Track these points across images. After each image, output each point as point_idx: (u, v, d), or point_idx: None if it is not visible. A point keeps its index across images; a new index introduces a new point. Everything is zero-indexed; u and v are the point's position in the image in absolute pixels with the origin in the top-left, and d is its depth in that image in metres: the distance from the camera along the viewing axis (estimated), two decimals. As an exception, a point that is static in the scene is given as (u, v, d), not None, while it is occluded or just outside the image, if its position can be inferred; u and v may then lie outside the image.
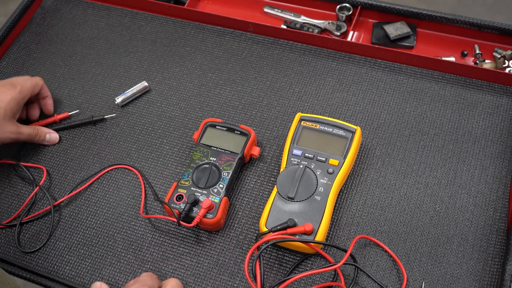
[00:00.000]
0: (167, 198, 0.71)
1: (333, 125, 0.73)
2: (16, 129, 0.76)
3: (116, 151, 0.81)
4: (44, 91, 0.83)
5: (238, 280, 0.68)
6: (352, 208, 0.72)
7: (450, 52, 0.87)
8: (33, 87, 0.80)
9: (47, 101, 0.84)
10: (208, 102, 0.85)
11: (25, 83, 0.79)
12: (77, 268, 0.71)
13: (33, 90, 0.80)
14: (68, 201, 0.76)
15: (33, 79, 0.81)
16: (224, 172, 0.72)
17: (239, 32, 0.92)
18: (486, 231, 0.69)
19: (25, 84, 0.78)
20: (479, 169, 0.74)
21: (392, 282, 0.66)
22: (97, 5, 0.99)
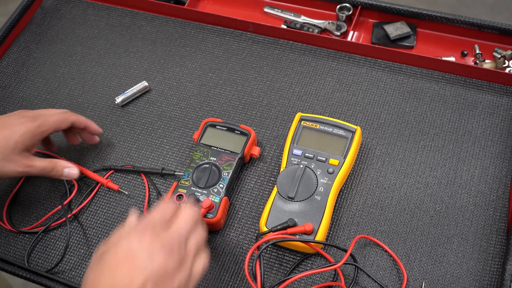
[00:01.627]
0: (167, 197, 0.71)
1: (333, 125, 0.73)
2: (26, 162, 0.70)
3: (116, 151, 0.81)
4: (78, 123, 0.76)
5: (238, 280, 0.68)
6: (352, 208, 0.72)
7: (450, 52, 0.87)
8: (58, 123, 0.73)
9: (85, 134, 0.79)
10: (208, 102, 0.85)
11: (49, 118, 0.73)
12: (77, 268, 0.71)
13: (57, 126, 0.73)
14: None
15: (61, 115, 0.74)
16: (224, 172, 0.72)
17: (239, 32, 0.92)
18: (486, 231, 0.69)
19: (48, 119, 0.73)
20: (479, 169, 0.74)
21: (392, 282, 0.66)
22: (97, 5, 0.99)
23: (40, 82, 0.90)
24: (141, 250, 0.53)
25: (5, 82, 0.91)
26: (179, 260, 0.54)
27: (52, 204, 0.77)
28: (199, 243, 0.58)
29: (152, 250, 0.53)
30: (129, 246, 0.53)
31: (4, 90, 0.90)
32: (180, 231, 0.56)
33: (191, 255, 0.56)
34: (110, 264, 0.52)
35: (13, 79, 0.91)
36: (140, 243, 0.53)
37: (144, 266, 0.52)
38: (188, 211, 0.59)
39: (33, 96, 0.89)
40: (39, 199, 0.77)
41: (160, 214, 0.57)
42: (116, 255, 0.53)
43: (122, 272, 0.51)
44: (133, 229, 0.55)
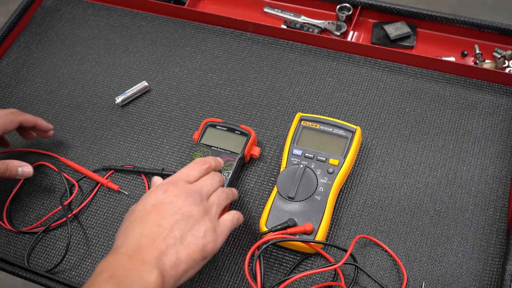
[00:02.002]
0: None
1: (333, 125, 0.73)
2: None
3: (116, 151, 0.81)
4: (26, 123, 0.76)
5: (238, 280, 0.68)
6: (352, 208, 0.72)
7: (450, 52, 0.87)
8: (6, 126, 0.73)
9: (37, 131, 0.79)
10: (208, 102, 0.85)
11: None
12: (77, 268, 0.71)
13: (5, 128, 0.73)
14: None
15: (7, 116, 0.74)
16: (225, 172, 0.72)
17: (239, 32, 0.92)
18: (486, 231, 0.69)
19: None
20: (479, 169, 0.74)
21: (392, 281, 0.66)
22: (97, 5, 0.99)
23: (40, 82, 0.90)
24: (167, 200, 0.57)
25: (5, 82, 0.91)
26: (204, 210, 0.58)
27: (52, 204, 0.77)
28: (221, 200, 0.61)
29: (177, 200, 0.57)
30: (156, 199, 0.57)
31: (4, 90, 0.90)
32: (202, 187, 0.60)
33: (214, 209, 0.59)
34: (138, 216, 0.56)
35: (13, 79, 0.91)
36: (165, 194, 0.58)
37: (171, 213, 0.56)
38: (213, 174, 0.63)
39: (33, 96, 0.89)
40: (39, 199, 0.77)
41: (185, 173, 0.61)
42: (144, 208, 0.57)
43: (151, 221, 0.55)
44: (157, 185, 0.60)
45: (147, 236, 0.54)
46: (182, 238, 0.54)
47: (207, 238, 0.56)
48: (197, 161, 0.64)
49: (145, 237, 0.54)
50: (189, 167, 0.62)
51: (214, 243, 0.57)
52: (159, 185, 0.59)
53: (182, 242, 0.54)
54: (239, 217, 0.63)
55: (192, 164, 0.63)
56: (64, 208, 0.74)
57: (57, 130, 0.84)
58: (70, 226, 0.73)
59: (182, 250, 0.54)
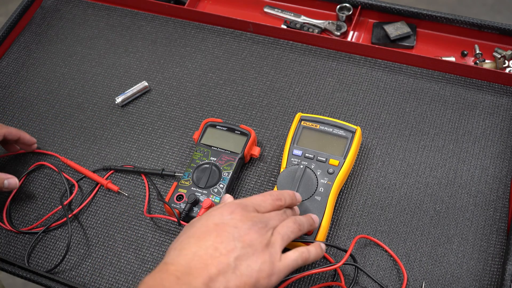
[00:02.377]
0: (168, 198, 0.71)
1: (333, 125, 0.73)
2: None
3: (116, 151, 0.81)
4: (10, 136, 0.76)
5: (238, 280, 0.68)
6: (353, 208, 0.72)
7: (450, 52, 0.87)
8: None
9: (23, 140, 0.78)
10: (208, 102, 0.85)
11: None
12: (77, 268, 0.71)
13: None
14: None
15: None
16: (225, 172, 0.72)
17: (239, 32, 0.92)
18: (486, 231, 0.69)
19: None
20: (479, 169, 0.74)
21: (392, 282, 0.66)
22: (97, 5, 0.99)
23: (40, 82, 0.90)
24: (231, 223, 0.53)
25: (5, 82, 0.91)
26: (266, 242, 0.54)
27: (52, 204, 0.77)
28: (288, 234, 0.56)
29: (241, 225, 0.53)
30: (220, 218, 0.54)
31: (4, 90, 0.90)
32: (269, 219, 0.56)
33: (278, 243, 0.54)
34: (197, 232, 0.53)
35: (13, 79, 0.91)
36: (231, 217, 0.54)
37: (231, 238, 0.52)
38: (283, 213, 0.59)
39: (33, 96, 0.89)
40: (39, 199, 0.77)
41: (258, 201, 0.57)
42: (206, 225, 0.54)
43: (209, 240, 0.52)
44: (225, 204, 0.56)
45: (200, 257, 0.50)
46: (236, 267, 0.50)
47: (262, 273, 0.51)
48: (273, 194, 0.59)
49: (199, 258, 0.50)
50: (264, 197, 0.58)
51: (268, 280, 0.52)
52: (226, 204, 0.56)
53: (235, 271, 0.50)
54: (308, 256, 0.56)
55: (266, 195, 0.59)
56: (64, 208, 0.74)
57: (57, 130, 0.84)
58: (70, 226, 0.73)
59: (233, 280, 0.50)
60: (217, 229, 0.53)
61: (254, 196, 0.58)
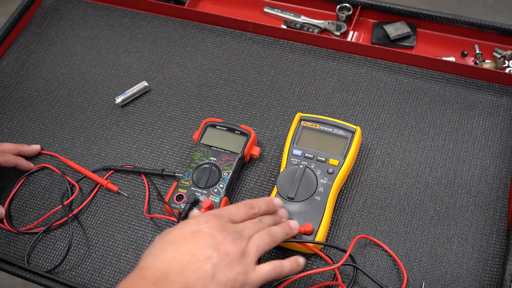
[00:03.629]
0: (167, 198, 0.71)
1: (333, 125, 0.73)
2: None
3: (116, 151, 0.81)
4: (6, 164, 0.76)
5: (238, 280, 0.68)
6: (352, 208, 0.72)
7: (450, 52, 0.87)
8: None
9: (19, 167, 0.79)
10: (208, 102, 0.85)
11: None
12: (77, 268, 0.71)
13: None
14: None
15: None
16: (224, 172, 0.72)
17: (239, 32, 0.92)
18: (486, 231, 0.69)
19: None
20: (479, 169, 0.74)
21: (392, 282, 0.66)
22: (97, 5, 0.99)
23: (40, 82, 0.90)
24: (207, 231, 0.54)
25: (5, 82, 0.91)
26: (241, 252, 0.54)
27: (52, 204, 0.77)
28: (262, 245, 0.56)
29: (217, 234, 0.54)
30: (197, 227, 0.54)
31: (4, 90, 0.90)
32: (244, 229, 0.56)
33: (252, 253, 0.55)
34: (174, 240, 0.54)
35: (13, 79, 0.91)
36: (207, 225, 0.54)
37: (208, 246, 0.53)
38: (258, 221, 0.59)
39: (33, 96, 0.89)
40: (39, 199, 0.77)
41: (233, 211, 0.58)
42: (183, 232, 0.54)
43: (186, 247, 0.52)
44: (201, 214, 0.57)
45: (178, 263, 0.51)
46: (213, 275, 0.51)
47: (236, 283, 0.52)
48: (247, 203, 0.60)
49: (176, 264, 0.51)
50: (238, 206, 0.59)
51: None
52: (202, 215, 0.56)
53: (213, 279, 0.51)
54: (281, 270, 0.57)
55: (241, 205, 0.59)
56: (65, 208, 0.74)
57: (57, 130, 0.84)
58: (71, 226, 0.73)
59: (209, 287, 0.51)
60: (194, 236, 0.53)
61: (228, 206, 0.59)
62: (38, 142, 0.83)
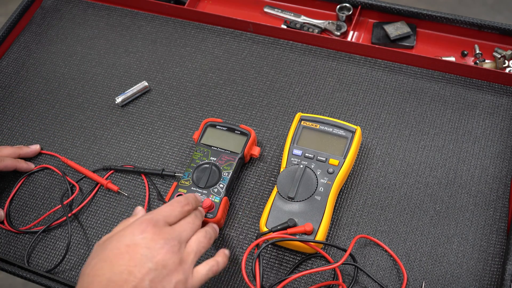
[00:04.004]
0: (168, 197, 0.71)
1: (333, 125, 0.73)
2: None
3: (116, 151, 0.81)
4: (6, 169, 0.76)
5: (238, 280, 0.68)
6: (352, 208, 0.72)
7: (450, 52, 0.87)
8: None
9: (19, 170, 0.79)
10: (208, 102, 0.85)
11: None
12: (77, 268, 0.71)
13: None
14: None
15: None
16: (224, 172, 0.72)
17: (239, 32, 0.92)
18: (486, 231, 0.69)
19: None
20: (479, 169, 0.74)
21: (392, 281, 0.66)
22: (97, 5, 0.99)
23: (40, 82, 0.90)
24: (143, 243, 0.53)
25: (5, 82, 0.91)
26: (179, 260, 0.54)
27: (52, 204, 0.77)
28: (200, 248, 0.58)
29: (154, 245, 0.53)
30: (131, 239, 0.53)
31: (4, 90, 0.90)
32: (182, 232, 0.57)
33: (190, 258, 0.56)
34: (110, 255, 0.52)
35: (13, 79, 0.91)
36: (143, 236, 0.53)
37: (145, 260, 0.52)
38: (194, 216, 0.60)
39: (33, 96, 0.89)
40: (39, 199, 0.77)
41: (167, 212, 0.58)
42: (118, 247, 0.53)
43: (122, 264, 0.51)
44: (136, 221, 0.55)
45: (115, 284, 0.50)
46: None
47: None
48: (179, 201, 0.60)
49: (113, 285, 0.50)
50: (172, 206, 0.59)
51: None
52: (137, 222, 0.55)
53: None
54: (217, 268, 0.59)
55: (174, 204, 0.59)
56: (65, 208, 0.74)
57: (57, 130, 0.84)
58: (70, 225, 0.73)
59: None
60: (129, 251, 0.52)
61: (162, 207, 0.59)
62: (38, 142, 0.83)
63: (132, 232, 0.54)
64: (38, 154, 0.81)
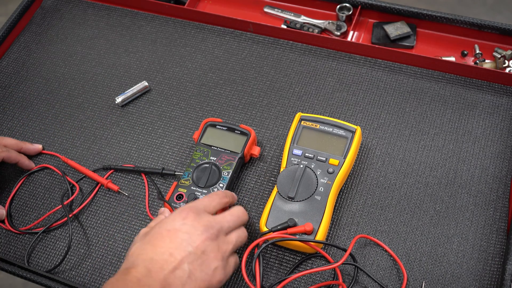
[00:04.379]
0: (167, 197, 0.71)
1: (333, 125, 0.73)
2: None
3: (116, 151, 0.81)
4: (9, 160, 0.77)
5: (239, 280, 0.68)
6: (352, 208, 0.72)
7: (450, 52, 0.87)
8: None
9: (21, 165, 0.79)
10: (208, 102, 0.85)
11: None
12: (77, 268, 0.71)
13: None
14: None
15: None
16: (224, 172, 0.72)
17: (239, 32, 0.92)
18: (486, 231, 0.69)
19: None
20: (479, 169, 0.74)
21: (392, 281, 0.66)
22: (97, 5, 0.99)
23: (40, 82, 0.90)
24: (184, 228, 0.56)
25: (5, 82, 0.91)
26: (218, 247, 0.57)
27: (52, 204, 0.77)
28: (238, 242, 0.60)
29: (194, 231, 0.56)
30: (173, 225, 0.56)
31: (4, 90, 0.90)
32: (223, 222, 0.59)
33: (230, 248, 0.58)
34: (152, 239, 0.56)
35: (13, 79, 0.91)
36: (184, 222, 0.57)
37: (185, 244, 0.55)
38: (237, 210, 0.62)
39: (33, 96, 0.89)
40: (39, 199, 0.77)
41: (206, 202, 0.60)
42: (160, 232, 0.56)
43: (163, 246, 0.54)
44: (177, 210, 0.59)
45: (157, 262, 0.53)
46: (191, 273, 0.54)
47: (215, 277, 0.56)
48: (219, 193, 0.63)
49: (155, 263, 0.53)
50: (211, 197, 0.62)
51: (220, 282, 0.56)
52: (178, 210, 0.58)
53: (190, 276, 0.54)
54: (238, 263, 0.62)
55: (213, 196, 0.62)
56: (65, 208, 0.74)
57: (57, 130, 0.84)
58: (71, 226, 0.73)
59: (188, 284, 0.53)
60: (169, 235, 0.55)
61: (201, 198, 0.62)
62: (38, 142, 0.83)
63: (174, 218, 0.57)
64: (38, 154, 0.81)
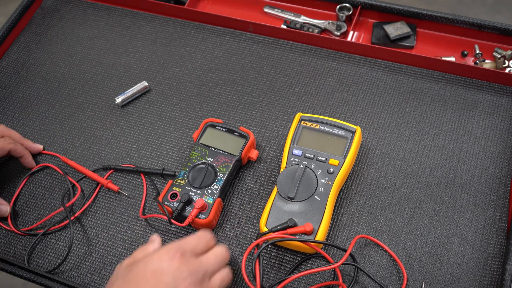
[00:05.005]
0: (161, 196, 0.71)
1: (333, 125, 0.73)
2: None
3: (116, 151, 0.81)
4: (15, 153, 0.77)
5: (238, 280, 0.68)
6: (352, 208, 0.72)
7: (450, 52, 0.87)
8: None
9: (24, 160, 0.79)
10: (208, 102, 0.85)
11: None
12: (77, 268, 0.71)
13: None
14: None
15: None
16: (220, 173, 0.72)
17: (239, 32, 0.92)
18: (486, 231, 0.69)
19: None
20: (479, 169, 0.74)
21: (392, 282, 0.66)
22: (97, 5, 0.99)
23: (40, 82, 0.90)
24: (169, 271, 0.54)
25: (5, 82, 0.91)
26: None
27: (52, 205, 0.77)
28: (222, 286, 0.59)
29: (179, 274, 0.55)
30: (159, 265, 0.55)
31: (4, 90, 0.90)
32: (208, 266, 0.58)
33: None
34: (135, 279, 0.54)
35: (13, 79, 0.91)
36: (170, 264, 0.55)
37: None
38: (221, 250, 0.61)
39: (33, 96, 0.89)
40: (40, 199, 0.77)
41: (194, 243, 0.59)
42: (144, 271, 0.55)
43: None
44: (164, 248, 0.57)
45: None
46: None
47: None
48: (206, 235, 0.62)
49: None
50: (198, 239, 0.60)
51: None
52: (166, 249, 0.57)
53: None
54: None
55: (201, 237, 0.61)
56: (66, 210, 0.74)
57: (57, 130, 0.84)
58: (72, 228, 0.73)
59: None
60: (155, 277, 0.54)
61: (189, 237, 0.60)
62: (38, 142, 0.83)
63: (160, 258, 0.55)
64: (38, 154, 0.81)
